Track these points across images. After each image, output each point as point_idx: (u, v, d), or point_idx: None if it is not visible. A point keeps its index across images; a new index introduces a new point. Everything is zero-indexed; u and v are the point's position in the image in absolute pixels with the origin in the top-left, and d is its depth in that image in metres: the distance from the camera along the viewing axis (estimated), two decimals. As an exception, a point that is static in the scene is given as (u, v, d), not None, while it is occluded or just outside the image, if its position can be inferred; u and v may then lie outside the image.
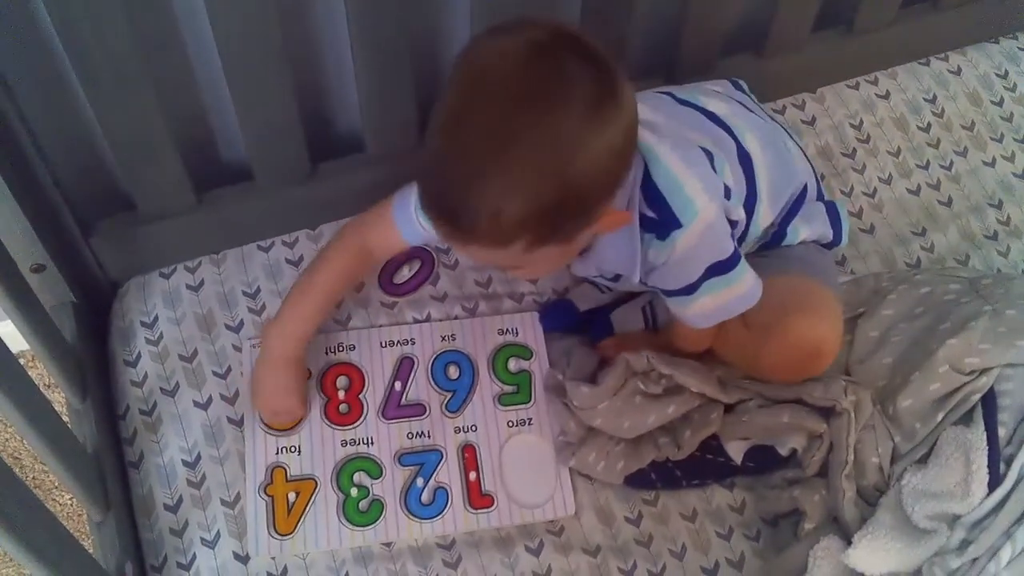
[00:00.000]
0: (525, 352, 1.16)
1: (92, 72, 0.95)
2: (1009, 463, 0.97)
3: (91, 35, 0.91)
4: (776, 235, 1.09)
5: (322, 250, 1.13)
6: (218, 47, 0.98)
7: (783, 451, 1.06)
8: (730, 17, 1.25)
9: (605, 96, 0.81)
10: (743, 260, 0.98)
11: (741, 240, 1.05)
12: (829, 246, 1.14)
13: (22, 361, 1.38)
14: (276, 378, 1.07)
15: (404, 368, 1.14)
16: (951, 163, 1.37)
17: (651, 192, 0.92)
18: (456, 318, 1.18)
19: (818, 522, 1.02)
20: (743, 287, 0.98)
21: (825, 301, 1.04)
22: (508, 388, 1.13)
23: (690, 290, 0.98)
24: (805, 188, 1.11)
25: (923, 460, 1.01)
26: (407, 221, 1.08)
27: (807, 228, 1.10)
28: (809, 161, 1.17)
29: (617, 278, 1.08)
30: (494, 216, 0.80)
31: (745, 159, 1.03)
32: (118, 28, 0.91)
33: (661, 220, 0.93)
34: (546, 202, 0.81)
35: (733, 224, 1.00)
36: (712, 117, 1.05)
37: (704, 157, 0.96)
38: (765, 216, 1.07)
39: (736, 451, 1.08)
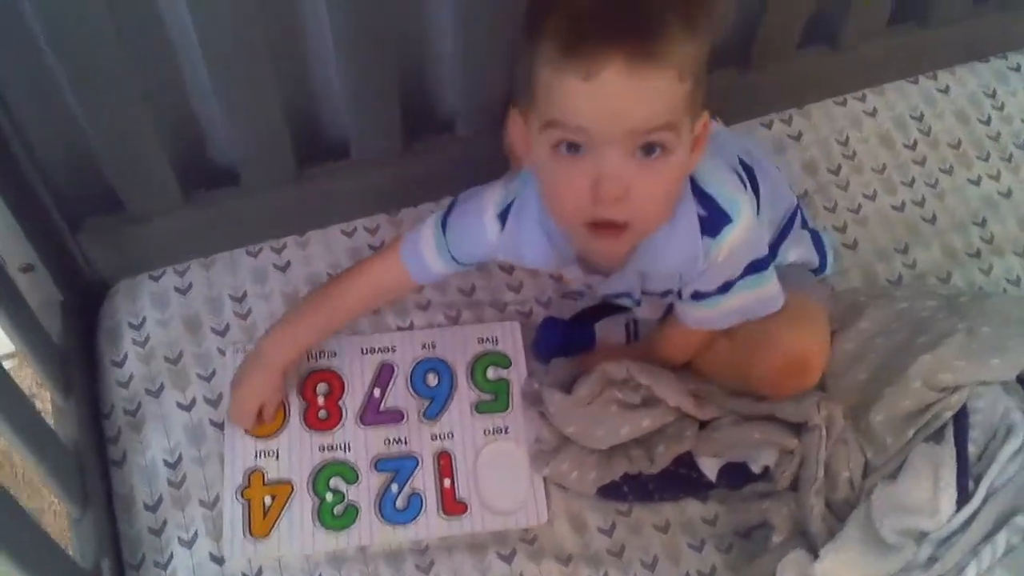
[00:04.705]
0: (503, 360, 1.17)
1: (80, 71, 0.96)
2: (978, 481, 0.98)
3: (78, 34, 0.92)
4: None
5: (334, 279, 1.12)
6: (203, 49, 0.99)
7: (756, 469, 1.07)
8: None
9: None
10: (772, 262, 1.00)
11: None
12: (815, 272, 1.16)
13: (13, 363, 1.40)
14: (252, 379, 1.07)
15: (384, 375, 1.15)
16: (936, 181, 1.37)
17: (699, 193, 0.93)
18: (439, 326, 1.20)
19: (787, 535, 1.03)
20: (772, 288, 0.99)
21: (814, 314, 1.05)
22: (485, 396, 1.15)
23: (726, 288, 0.97)
24: (796, 210, 1.13)
25: (894, 475, 1.02)
26: (416, 261, 1.04)
27: (795, 251, 1.12)
28: (790, 188, 1.17)
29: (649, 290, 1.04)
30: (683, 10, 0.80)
31: (750, 174, 1.03)
32: (105, 27, 0.92)
33: (712, 217, 0.93)
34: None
35: None
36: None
37: (727, 166, 0.97)
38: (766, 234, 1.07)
39: (710, 468, 1.08)
